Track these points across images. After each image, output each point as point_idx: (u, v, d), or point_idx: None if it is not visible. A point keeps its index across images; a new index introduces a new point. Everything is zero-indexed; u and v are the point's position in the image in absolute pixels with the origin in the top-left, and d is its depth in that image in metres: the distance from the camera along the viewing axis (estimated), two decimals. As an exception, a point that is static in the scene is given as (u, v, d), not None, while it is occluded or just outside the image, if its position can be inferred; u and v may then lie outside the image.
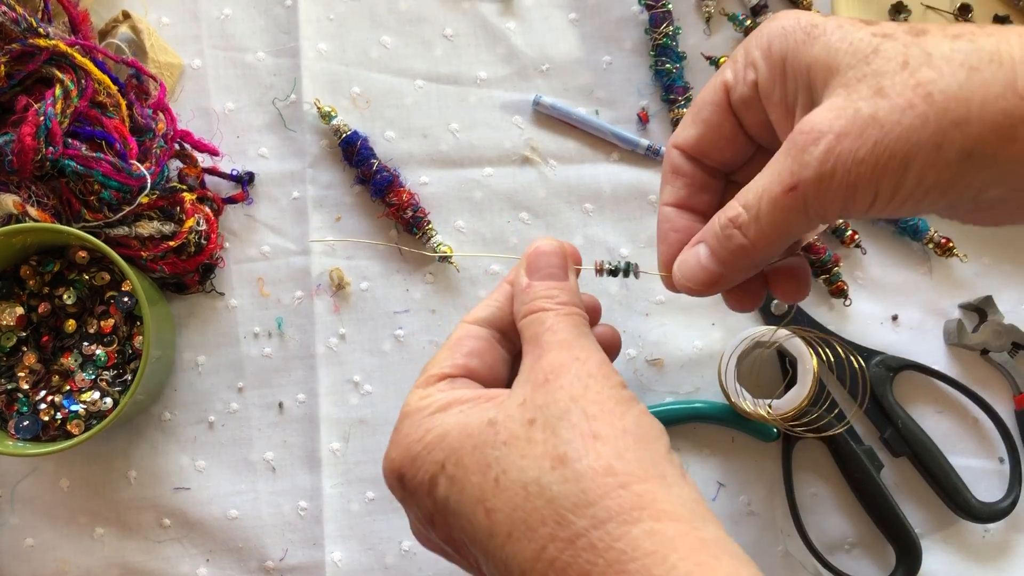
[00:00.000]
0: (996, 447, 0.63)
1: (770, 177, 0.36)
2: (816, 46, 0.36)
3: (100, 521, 0.62)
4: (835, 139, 0.34)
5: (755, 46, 0.39)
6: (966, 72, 0.33)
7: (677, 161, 0.42)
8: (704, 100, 0.41)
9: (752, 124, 0.40)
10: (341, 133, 0.63)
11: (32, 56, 0.58)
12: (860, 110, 0.34)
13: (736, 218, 0.38)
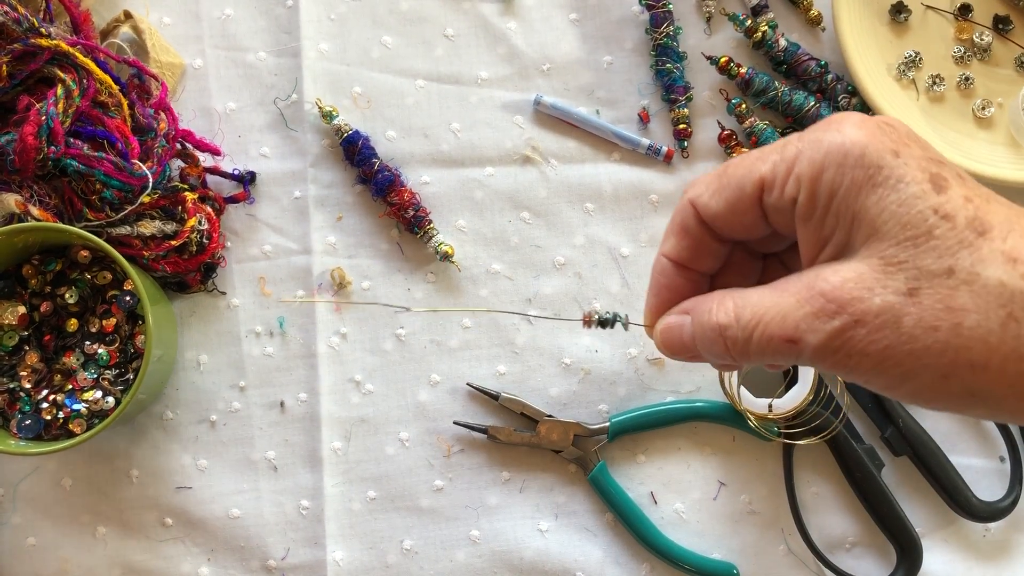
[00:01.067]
0: (997, 446, 0.63)
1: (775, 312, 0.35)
2: (872, 197, 0.33)
3: (102, 520, 0.62)
4: (852, 323, 0.32)
5: (807, 161, 0.35)
6: (1003, 318, 0.31)
7: (689, 221, 0.39)
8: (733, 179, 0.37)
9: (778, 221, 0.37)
10: (342, 133, 0.63)
11: (34, 56, 0.58)
12: (887, 304, 0.32)
13: (726, 330, 0.36)
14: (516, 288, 0.64)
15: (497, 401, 0.62)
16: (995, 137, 0.63)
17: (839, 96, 0.64)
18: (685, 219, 0.38)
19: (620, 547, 0.62)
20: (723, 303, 0.36)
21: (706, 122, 0.65)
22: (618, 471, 0.62)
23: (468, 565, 0.61)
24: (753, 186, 0.36)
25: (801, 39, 0.65)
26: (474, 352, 0.63)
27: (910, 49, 0.64)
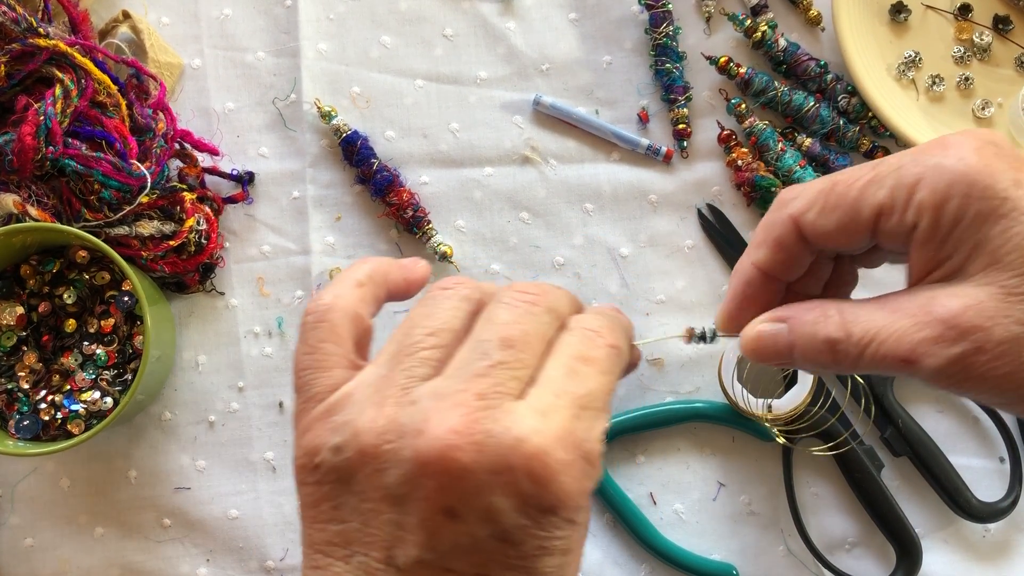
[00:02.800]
0: (996, 446, 0.63)
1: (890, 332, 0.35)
2: (996, 228, 0.34)
3: (100, 521, 0.62)
4: (973, 351, 0.33)
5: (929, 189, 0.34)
6: None
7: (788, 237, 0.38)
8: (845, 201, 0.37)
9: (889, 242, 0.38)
10: (341, 133, 0.63)
11: (32, 56, 0.58)
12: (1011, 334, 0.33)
13: (837, 344, 0.36)
14: (515, 288, 0.64)
15: (496, 401, 0.62)
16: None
17: (839, 96, 0.64)
18: (783, 235, 0.38)
19: (619, 548, 0.62)
20: (829, 316, 0.37)
21: (705, 122, 0.65)
22: (617, 472, 0.62)
23: (467, 566, 0.61)
24: (871, 211, 0.36)
25: (801, 39, 0.65)
26: (473, 352, 0.63)
27: (910, 49, 0.64)
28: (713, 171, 0.65)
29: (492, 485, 0.31)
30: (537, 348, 0.34)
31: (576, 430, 0.32)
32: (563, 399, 0.33)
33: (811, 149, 0.64)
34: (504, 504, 0.31)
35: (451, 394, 0.32)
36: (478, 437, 0.31)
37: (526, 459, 0.31)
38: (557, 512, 0.31)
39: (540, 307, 0.35)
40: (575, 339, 0.35)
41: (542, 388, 0.33)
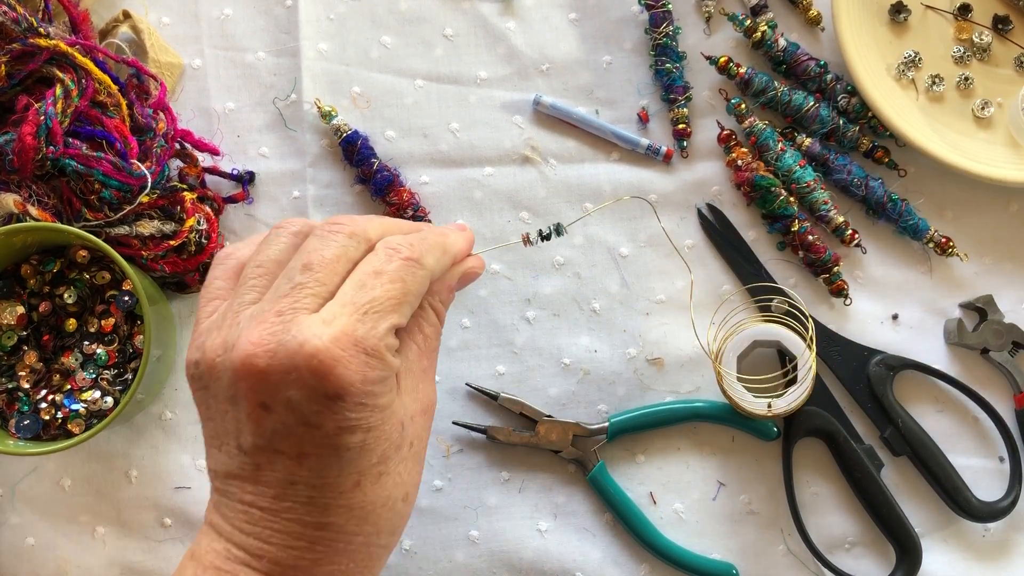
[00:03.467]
0: (996, 446, 0.63)
1: None
2: None
3: (101, 520, 0.62)
4: None
5: None
6: None
7: None
8: None
9: None
10: (341, 132, 0.63)
11: (33, 56, 0.58)
12: None
13: None
14: (515, 288, 0.64)
15: (496, 401, 0.62)
16: (995, 137, 0.63)
17: (838, 96, 0.64)
18: None
19: (619, 547, 0.62)
20: None
21: (705, 122, 0.65)
22: (617, 471, 0.62)
23: (467, 565, 0.61)
24: None
25: (800, 39, 0.65)
26: (473, 352, 0.63)
27: (909, 49, 0.64)
28: (713, 171, 0.65)
29: (285, 382, 0.39)
30: (336, 268, 0.42)
31: (356, 330, 0.40)
32: (347, 307, 0.41)
33: (811, 149, 0.64)
34: (297, 396, 0.40)
35: (259, 314, 0.41)
36: (271, 346, 0.40)
37: (307, 358, 0.39)
38: (343, 398, 0.40)
39: (342, 233, 0.43)
40: (373, 256, 0.43)
41: (333, 301, 0.41)
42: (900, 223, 0.63)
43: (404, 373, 0.45)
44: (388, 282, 0.42)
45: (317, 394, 0.39)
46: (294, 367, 0.39)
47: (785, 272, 0.64)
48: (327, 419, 0.40)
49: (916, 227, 0.63)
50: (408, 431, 0.44)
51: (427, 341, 0.47)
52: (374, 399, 0.41)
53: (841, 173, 0.63)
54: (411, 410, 0.44)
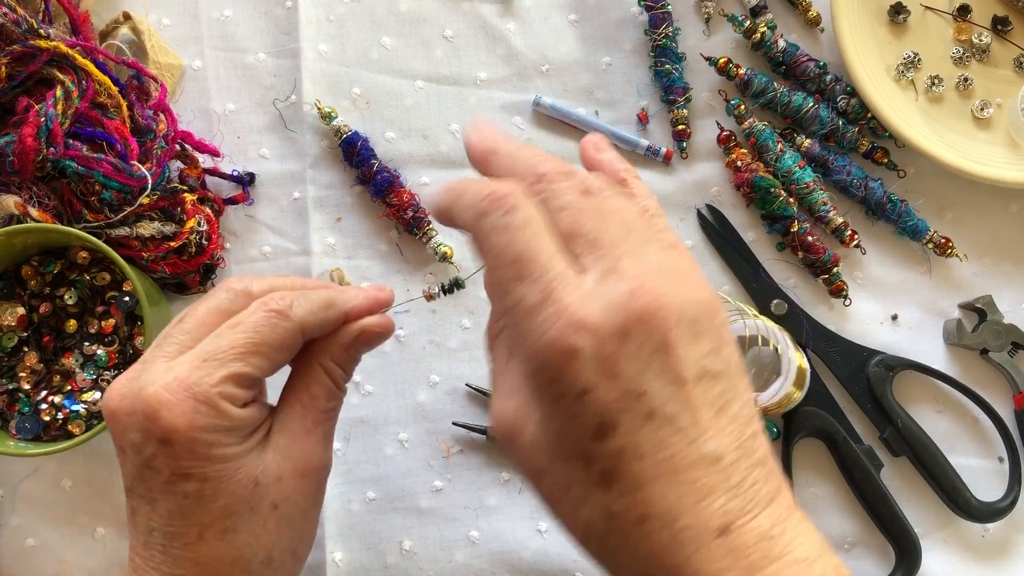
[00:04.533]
0: (996, 447, 0.63)
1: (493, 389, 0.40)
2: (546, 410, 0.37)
3: (101, 521, 0.62)
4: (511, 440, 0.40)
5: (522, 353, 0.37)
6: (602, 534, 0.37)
7: None
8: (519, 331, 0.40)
9: None
10: (342, 134, 0.63)
11: (33, 57, 0.58)
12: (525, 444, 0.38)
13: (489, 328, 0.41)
14: (515, 289, 0.64)
15: (496, 402, 0.62)
16: (994, 138, 0.63)
17: (838, 97, 0.64)
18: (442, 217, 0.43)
19: (619, 548, 0.62)
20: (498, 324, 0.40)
21: (705, 123, 0.65)
22: (617, 472, 0.62)
23: (467, 566, 0.61)
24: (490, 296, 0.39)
25: (800, 40, 0.65)
26: (473, 352, 0.63)
27: (909, 50, 0.64)
28: (712, 172, 0.65)
29: (128, 425, 0.42)
30: (206, 321, 0.44)
31: (189, 377, 0.41)
32: (190, 356, 0.42)
33: (810, 150, 0.64)
34: (136, 437, 0.41)
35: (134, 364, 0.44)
36: (123, 390, 0.42)
37: (141, 402, 0.41)
38: (171, 443, 0.41)
39: (223, 289, 0.45)
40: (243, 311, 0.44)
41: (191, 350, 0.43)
42: (900, 224, 0.63)
43: (277, 430, 0.45)
44: (240, 332, 0.43)
45: (151, 436, 0.41)
46: (133, 410, 0.41)
47: (785, 273, 0.64)
48: (162, 463, 0.41)
49: (916, 228, 0.63)
50: (268, 491, 0.43)
51: (313, 401, 0.46)
52: (207, 448, 0.41)
53: (840, 174, 0.63)
54: (276, 470, 0.44)
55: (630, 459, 0.35)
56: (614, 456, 0.35)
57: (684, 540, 0.35)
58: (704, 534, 0.36)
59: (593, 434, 0.35)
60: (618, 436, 0.35)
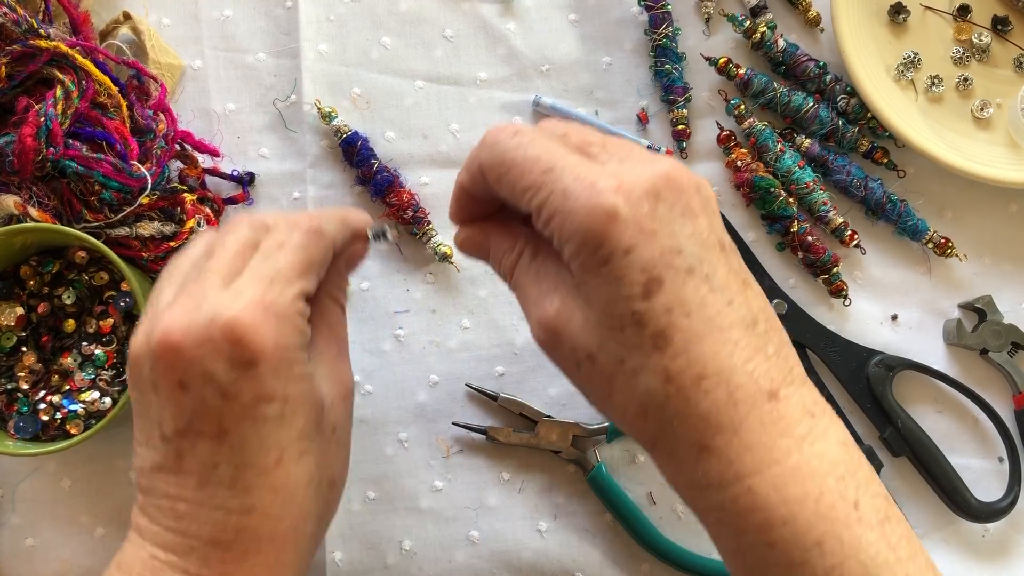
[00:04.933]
0: (995, 447, 0.63)
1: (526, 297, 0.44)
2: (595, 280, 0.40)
3: (101, 521, 0.62)
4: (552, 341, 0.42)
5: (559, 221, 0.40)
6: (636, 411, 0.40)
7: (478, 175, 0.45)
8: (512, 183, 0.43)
9: None
10: (342, 134, 0.63)
11: (33, 57, 0.58)
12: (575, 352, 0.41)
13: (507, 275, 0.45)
14: (515, 289, 0.64)
15: (496, 402, 0.62)
16: (994, 138, 0.63)
17: (838, 97, 0.64)
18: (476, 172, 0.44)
19: (619, 547, 0.62)
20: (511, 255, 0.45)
21: (705, 123, 0.65)
22: (617, 472, 0.62)
23: (467, 565, 0.61)
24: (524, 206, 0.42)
25: (800, 40, 0.66)
26: (473, 353, 0.63)
27: (909, 50, 0.64)
28: (712, 172, 0.65)
29: (201, 355, 0.40)
30: (240, 253, 0.43)
31: (265, 297, 0.41)
32: (254, 279, 0.42)
33: (810, 150, 0.64)
34: (214, 367, 0.40)
35: (171, 303, 0.42)
36: (184, 323, 0.40)
37: (220, 328, 0.39)
38: (258, 363, 0.40)
39: (243, 224, 0.45)
40: (275, 232, 0.44)
41: (241, 276, 0.42)
42: (899, 224, 0.63)
43: (317, 359, 0.45)
44: (291, 252, 0.43)
45: (233, 362, 0.40)
46: (208, 338, 0.40)
47: (784, 273, 0.64)
48: (244, 387, 0.40)
49: (915, 228, 0.63)
50: (329, 415, 0.44)
51: (333, 329, 0.47)
52: (289, 367, 0.41)
53: (840, 174, 0.63)
54: (330, 395, 0.44)
55: (679, 316, 0.38)
56: (664, 314, 0.38)
57: (739, 399, 0.38)
58: (757, 395, 0.39)
59: (643, 292, 0.38)
60: (665, 292, 0.38)
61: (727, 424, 0.38)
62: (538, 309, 0.42)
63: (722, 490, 0.39)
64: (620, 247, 0.38)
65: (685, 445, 0.39)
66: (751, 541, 0.39)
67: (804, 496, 0.38)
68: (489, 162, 0.43)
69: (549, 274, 0.43)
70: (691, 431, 0.39)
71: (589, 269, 0.39)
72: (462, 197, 0.47)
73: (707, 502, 0.40)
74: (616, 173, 0.39)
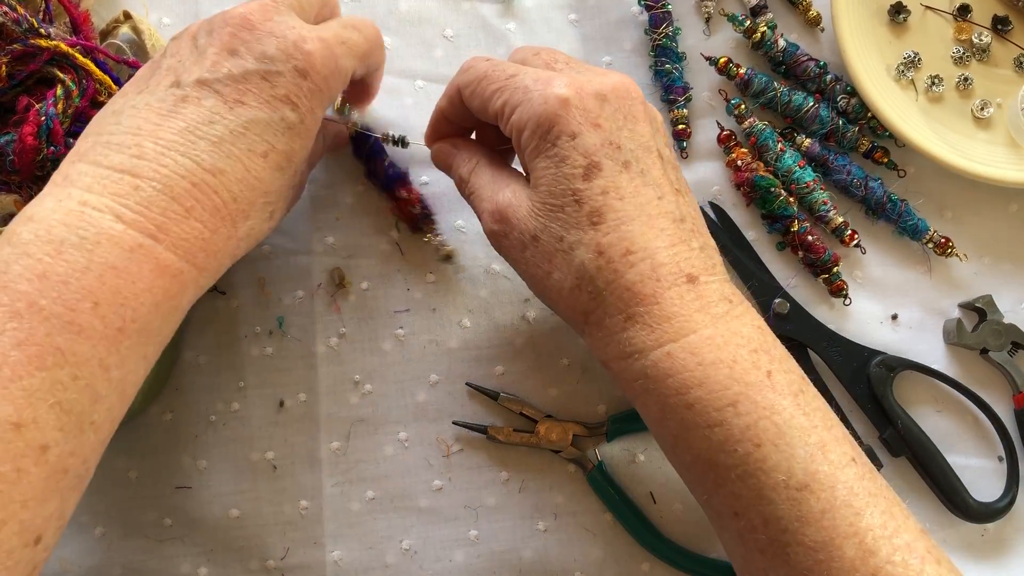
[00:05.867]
0: (995, 446, 0.63)
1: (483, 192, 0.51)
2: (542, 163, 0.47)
3: (101, 520, 0.62)
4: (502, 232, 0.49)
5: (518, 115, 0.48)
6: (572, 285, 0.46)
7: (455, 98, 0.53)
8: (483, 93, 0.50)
9: None
10: (354, 125, 0.63)
11: (33, 56, 0.58)
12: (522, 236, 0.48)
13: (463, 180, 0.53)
14: (515, 288, 0.64)
15: (496, 401, 0.62)
16: (994, 137, 0.63)
17: (838, 96, 0.64)
18: (453, 95, 0.52)
19: (619, 547, 0.62)
20: (470, 161, 0.53)
21: (705, 122, 0.65)
22: (617, 471, 0.62)
23: (467, 565, 0.61)
24: (492, 112, 0.49)
25: (800, 40, 0.66)
26: (473, 352, 0.63)
27: (909, 49, 0.64)
28: (713, 171, 0.65)
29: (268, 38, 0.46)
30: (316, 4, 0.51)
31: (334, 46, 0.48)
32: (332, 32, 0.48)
33: (810, 149, 0.64)
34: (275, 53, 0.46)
35: None
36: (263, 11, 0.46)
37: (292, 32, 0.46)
38: (307, 76, 0.46)
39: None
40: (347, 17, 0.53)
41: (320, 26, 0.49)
42: (900, 223, 0.63)
43: None
44: (359, 39, 0.51)
45: (290, 59, 0.45)
46: (282, 34, 0.46)
47: (785, 272, 0.64)
48: (284, 82, 0.46)
49: (916, 227, 0.63)
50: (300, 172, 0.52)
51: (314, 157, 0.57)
52: (321, 103, 0.48)
53: (841, 173, 0.63)
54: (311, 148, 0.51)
55: (613, 198, 0.44)
56: (601, 195, 0.44)
57: (661, 276, 0.44)
58: (676, 275, 0.44)
59: (583, 174, 0.44)
60: (603, 176, 0.44)
61: (649, 295, 0.44)
62: (490, 202, 0.49)
63: (644, 356, 0.44)
64: (567, 131, 0.44)
65: (613, 314, 0.44)
66: (672, 404, 0.43)
67: (718, 361, 0.43)
68: (464, 80, 0.50)
69: (503, 175, 0.50)
70: (618, 300, 0.44)
71: (539, 152, 0.46)
72: (440, 120, 0.55)
73: (632, 371, 0.44)
74: (572, 77, 0.46)
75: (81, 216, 0.40)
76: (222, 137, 0.44)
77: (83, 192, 0.41)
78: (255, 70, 0.45)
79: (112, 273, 0.40)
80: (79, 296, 0.38)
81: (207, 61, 0.45)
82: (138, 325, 0.41)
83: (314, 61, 0.46)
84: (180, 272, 0.43)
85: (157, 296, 0.41)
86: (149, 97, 0.44)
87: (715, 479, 0.43)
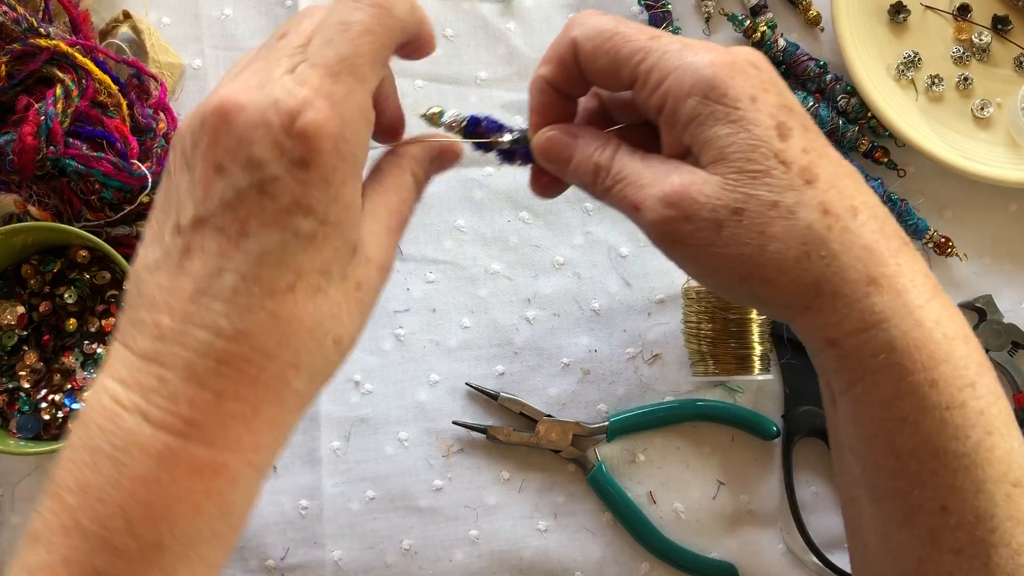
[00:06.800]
0: (996, 446, 0.63)
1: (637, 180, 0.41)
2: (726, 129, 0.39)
3: (101, 520, 0.62)
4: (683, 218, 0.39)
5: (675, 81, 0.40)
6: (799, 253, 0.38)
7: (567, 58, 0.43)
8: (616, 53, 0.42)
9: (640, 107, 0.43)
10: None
11: (33, 56, 0.58)
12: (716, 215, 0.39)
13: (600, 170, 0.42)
14: (515, 288, 0.64)
15: (496, 401, 0.62)
16: (994, 137, 0.63)
17: (838, 96, 0.64)
18: (565, 55, 0.42)
19: (619, 547, 0.62)
20: (606, 147, 0.43)
21: (705, 122, 0.65)
22: (617, 471, 0.62)
23: (467, 565, 0.61)
24: (629, 75, 0.41)
25: (800, 39, 0.66)
26: (473, 352, 0.63)
27: (909, 49, 0.64)
28: (713, 171, 0.65)
29: (251, 138, 0.35)
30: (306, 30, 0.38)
31: (334, 92, 0.36)
32: (318, 67, 0.36)
33: (810, 149, 0.64)
34: (264, 153, 0.35)
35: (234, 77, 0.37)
36: (241, 100, 0.35)
37: (286, 114, 0.35)
38: (312, 166, 0.35)
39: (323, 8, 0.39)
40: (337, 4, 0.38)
41: (305, 61, 0.37)
42: (899, 223, 0.63)
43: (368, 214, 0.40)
44: (358, 35, 0.37)
45: (285, 155, 0.35)
46: (266, 122, 0.35)
47: (785, 272, 0.64)
48: (286, 188, 0.35)
49: (916, 227, 0.63)
50: (358, 268, 0.39)
51: (402, 205, 0.43)
52: (340, 184, 0.36)
53: (841, 173, 0.63)
54: (368, 248, 0.39)
55: (816, 156, 0.39)
56: (803, 154, 0.39)
57: (889, 234, 0.39)
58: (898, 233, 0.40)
59: (778, 134, 0.39)
60: (795, 136, 0.39)
61: (889, 255, 0.38)
62: (657, 188, 0.40)
63: (892, 325, 0.38)
64: (745, 93, 0.39)
65: (853, 280, 0.38)
66: (914, 382, 0.38)
67: (957, 334, 0.38)
68: (586, 33, 0.41)
69: (652, 156, 0.41)
70: (857, 262, 0.38)
71: (716, 118, 0.39)
72: (545, 92, 0.44)
73: (874, 345, 0.38)
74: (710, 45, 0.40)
75: (113, 418, 0.36)
76: (235, 289, 0.35)
77: (116, 384, 0.36)
78: (248, 186, 0.35)
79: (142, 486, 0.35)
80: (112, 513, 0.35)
81: (198, 188, 0.36)
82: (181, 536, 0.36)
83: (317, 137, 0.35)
84: (223, 466, 0.36)
85: (198, 499, 0.36)
86: (157, 252, 0.37)
87: (933, 469, 0.38)
